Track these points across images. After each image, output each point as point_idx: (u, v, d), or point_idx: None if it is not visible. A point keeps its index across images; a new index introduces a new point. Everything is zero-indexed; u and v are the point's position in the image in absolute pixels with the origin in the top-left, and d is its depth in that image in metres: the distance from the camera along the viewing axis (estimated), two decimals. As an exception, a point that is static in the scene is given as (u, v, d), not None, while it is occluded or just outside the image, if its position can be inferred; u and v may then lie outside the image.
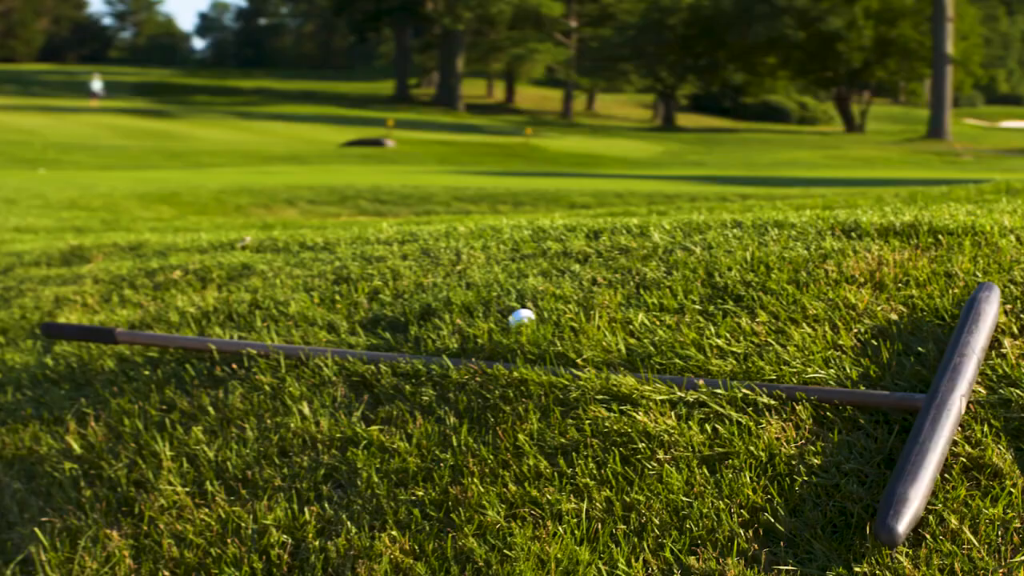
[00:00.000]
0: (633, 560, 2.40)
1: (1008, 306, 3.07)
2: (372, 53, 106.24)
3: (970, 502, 2.37)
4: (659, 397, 2.86)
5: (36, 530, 3.03)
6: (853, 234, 3.79)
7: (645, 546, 2.43)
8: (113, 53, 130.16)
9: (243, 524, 2.83)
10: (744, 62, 67.81)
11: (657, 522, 2.49)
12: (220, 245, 5.98)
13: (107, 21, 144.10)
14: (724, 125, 69.28)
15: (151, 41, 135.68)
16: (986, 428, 2.58)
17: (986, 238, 3.56)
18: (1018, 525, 2.31)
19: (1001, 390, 2.69)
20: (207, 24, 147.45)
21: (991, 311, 2.91)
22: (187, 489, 3.04)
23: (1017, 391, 2.66)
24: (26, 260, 6.88)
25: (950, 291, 3.19)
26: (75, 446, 3.42)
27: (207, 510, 2.93)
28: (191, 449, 3.21)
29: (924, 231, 3.68)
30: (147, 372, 3.78)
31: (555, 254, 4.14)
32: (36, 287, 5.85)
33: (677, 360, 3.04)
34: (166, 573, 2.74)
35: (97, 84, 65.08)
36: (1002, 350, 2.85)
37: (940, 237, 3.61)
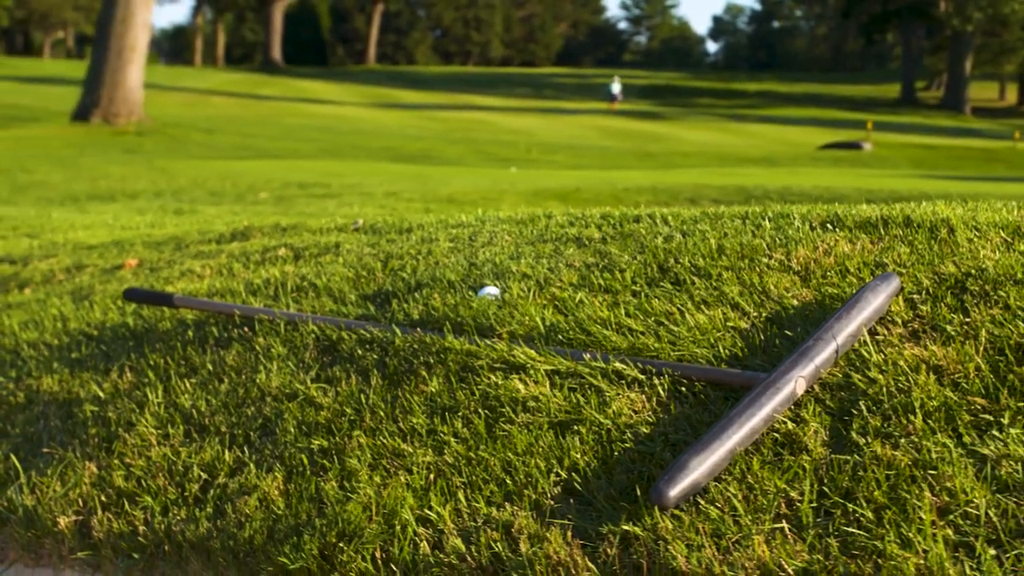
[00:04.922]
0: (445, 508, 2.63)
1: (916, 296, 3.09)
2: (886, 55, 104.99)
3: (759, 474, 2.48)
4: (545, 367, 3.07)
5: (12, 456, 3.53)
6: (829, 225, 3.83)
7: (463, 497, 2.66)
8: (627, 57, 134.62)
9: (177, 462, 3.22)
10: None
11: (487, 476, 2.71)
12: (341, 227, 6.44)
13: (622, 25, 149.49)
14: None
15: (664, 45, 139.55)
16: (818, 408, 2.66)
17: (951, 232, 3.55)
18: (796, 495, 2.41)
19: (853, 374, 2.76)
20: (720, 27, 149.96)
21: (875, 300, 2.96)
22: (158, 432, 3.46)
23: (859, 376, 2.73)
24: (207, 237, 7.58)
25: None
26: (101, 392, 3.91)
27: (159, 449, 3.33)
28: (177, 399, 3.63)
29: (896, 223, 3.70)
30: (191, 333, 4.24)
31: (567, 239, 4.35)
32: (184, 260, 6.47)
33: (582, 335, 3.23)
34: (103, 498, 3.16)
35: (616, 87, 68.24)
36: (877, 337, 2.91)
37: (901, 230, 3.62)
